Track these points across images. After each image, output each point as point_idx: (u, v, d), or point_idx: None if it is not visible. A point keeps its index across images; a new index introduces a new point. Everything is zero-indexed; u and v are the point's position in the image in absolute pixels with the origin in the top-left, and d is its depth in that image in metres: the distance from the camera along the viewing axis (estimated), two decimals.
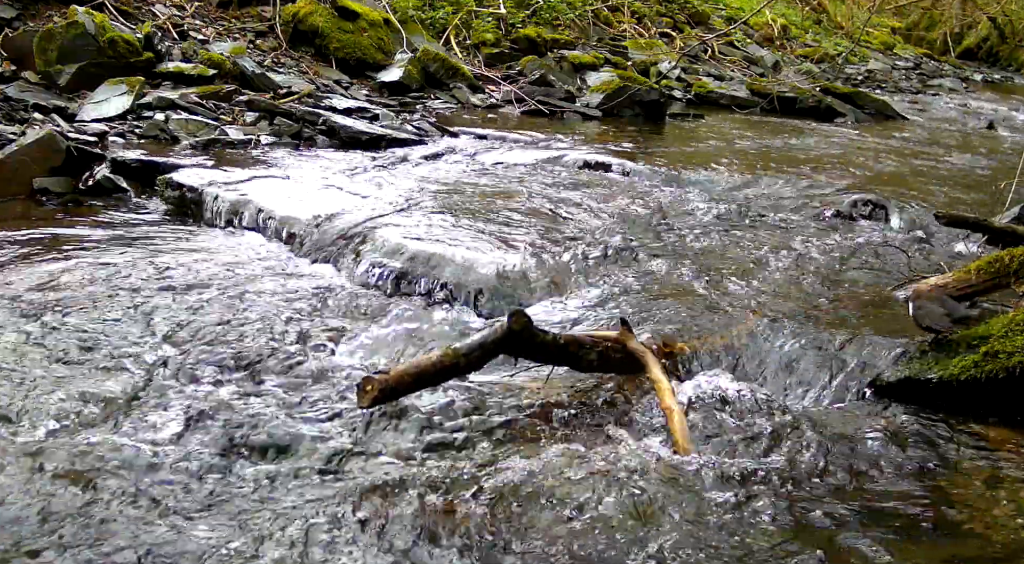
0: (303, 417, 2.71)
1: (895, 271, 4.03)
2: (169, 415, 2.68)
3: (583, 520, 2.23)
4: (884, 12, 19.20)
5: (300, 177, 5.31)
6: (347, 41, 8.74)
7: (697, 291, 3.70)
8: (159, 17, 8.03)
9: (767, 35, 14.84)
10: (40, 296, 3.46)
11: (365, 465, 2.50)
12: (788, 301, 3.63)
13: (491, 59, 9.95)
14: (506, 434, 2.68)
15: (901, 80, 14.61)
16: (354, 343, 3.28)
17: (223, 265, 4.01)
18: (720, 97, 10.08)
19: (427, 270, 3.84)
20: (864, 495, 2.43)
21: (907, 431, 2.75)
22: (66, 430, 2.54)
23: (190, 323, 3.31)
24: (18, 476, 2.27)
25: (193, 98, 6.65)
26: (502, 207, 4.82)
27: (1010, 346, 2.82)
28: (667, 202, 5.18)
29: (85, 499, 2.21)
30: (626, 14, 12.83)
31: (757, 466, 2.51)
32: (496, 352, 2.80)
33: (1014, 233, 3.95)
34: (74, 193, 5.03)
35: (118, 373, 2.90)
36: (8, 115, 5.71)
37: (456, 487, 2.35)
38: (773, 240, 4.46)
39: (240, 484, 2.35)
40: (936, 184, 6.20)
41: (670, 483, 2.39)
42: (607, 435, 2.67)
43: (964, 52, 20.27)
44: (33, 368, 2.88)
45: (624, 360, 2.98)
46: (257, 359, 3.05)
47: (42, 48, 6.64)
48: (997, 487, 2.49)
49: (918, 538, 2.23)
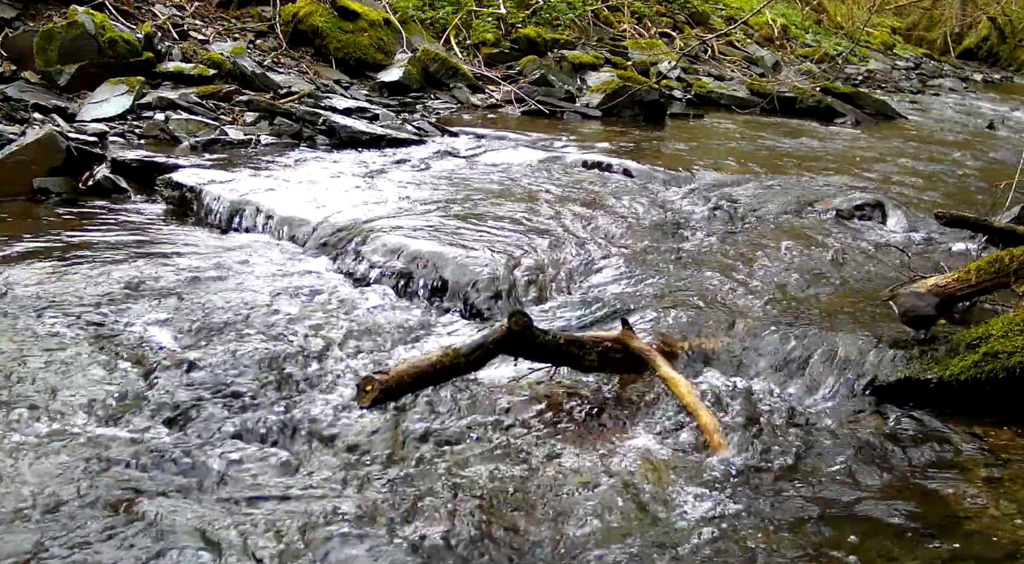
0: (303, 417, 2.71)
1: (895, 271, 4.03)
2: (166, 414, 2.68)
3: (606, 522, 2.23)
4: (884, 12, 19.20)
5: (300, 177, 5.31)
6: (347, 41, 8.74)
7: (697, 291, 3.70)
8: (159, 17, 8.03)
9: (767, 35, 14.85)
10: (40, 296, 3.46)
11: (365, 464, 2.50)
12: (788, 301, 3.63)
13: (491, 59, 9.95)
14: (521, 432, 2.68)
15: (901, 80, 14.62)
16: (354, 342, 3.28)
17: (223, 265, 4.01)
18: (720, 97, 10.08)
19: (427, 269, 3.84)
20: (863, 495, 2.43)
21: (907, 431, 2.76)
22: (66, 428, 2.54)
23: (191, 322, 3.31)
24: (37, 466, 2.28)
25: (193, 98, 6.65)
26: (502, 207, 4.82)
27: (1010, 346, 2.82)
28: (667, 202, 5.18)
29: (94, 484, 2.21)
30: (626, 14, 12.83)
31: (756, 465, 2.51)
32: (496, 352, 2.81)
33: (1014, 233, 3.95)
34: (74, 193, 5.03)
35: (117, 373, 2.90)
36: (8, 115, 5.71)
37: (459, 487, 2.35)
38: (773, 240, 4.46)
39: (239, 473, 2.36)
40: (936, 184, 6.20)
41: (686, 478, 2.39)
42: (624, 432, 2.67)
43: (964, 52, 20.28)
44: (34, 368, 2.88)
45: (625, 360, 2.99)
46: (257, 359, 3.05)
47: (42, 48, 6.64)
48: (997, 487, 2.49)
49: (918, 538, 2.23)
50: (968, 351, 2.91)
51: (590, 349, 2.97)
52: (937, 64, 17.60)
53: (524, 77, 9.45)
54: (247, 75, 7.43)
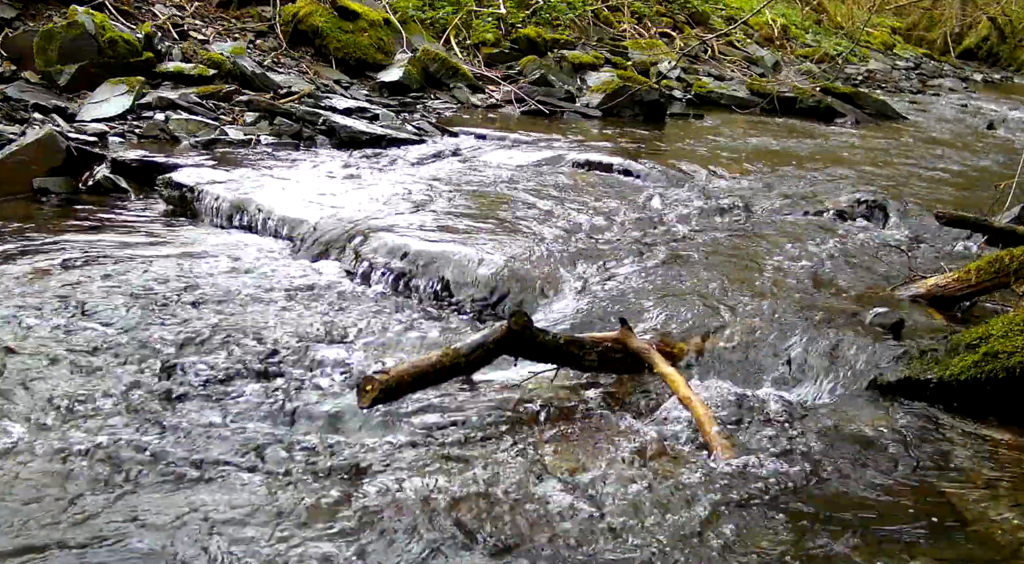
0: (303, 415, 2.71)
1: (895, 271, 4.03)
2: (165, 412, 2.68)
3: (608, 521, 2.23)
4: (884, 12, 19.21)
5: (300, 177, 5.31)
6: (347, 41, 8.74)
7: (697, 290, 3.70)
8: (159, 17, 8.03)
9: (767, 35, 14.85)
10: (40, 296, 3.46)
11: (364, 465, 2.49)
12: (787, 300, 3.63)
13: (491, 59, 9.95)
14: (520, 430, 2.68)
15: (901, 80, 14.62)
16: (354, 342, 3.28)
17: (223, 264, 4.01)
18: (720, 97, 10.08)
19: (427, 269, 3.85)
20: (863, 495, 2.43)
21: (907, 431, 2.76)
22: (65, 428, 2.54)
23: (190, 322, 3.31)
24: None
25: (193, 98, 6.65)
26: (502, 207, 4.82)
27: (1010, 346, 2.82)
28: (667, 202, 5.18)
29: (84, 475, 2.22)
30: (626, 14, 12.84)
31: (757, 464, 2.51)
32: (497, 352, 2.81)
33: (1014, 233, 3.96)
34: (74, 193, 5.03)
35: (117, 372, 2.90)
36: (8, 115, 5.71)
37: (461, 487, 2.35)
38: (773, 239, 4.46)
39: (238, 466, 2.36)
40: (936, 184, 6.20)
41: (685, 478, 2.39)
42: (623, 432, 2.67)
43: (964, 52, 20.29)
44: (33, 369, 2.88)
45: (625, 360, 2.99)
46: (256, 359, 3.05)
47: (42, 48, 6.64)
48: (997, 487, 2.49)
49: (918, 538, 2.23)
50: (968, 351, 2.91)
51: (590, 349, 2.97)
52: (937, 64, 17.61)
53: (524, 77, 9.45)
54: (247, 75, 7.43)
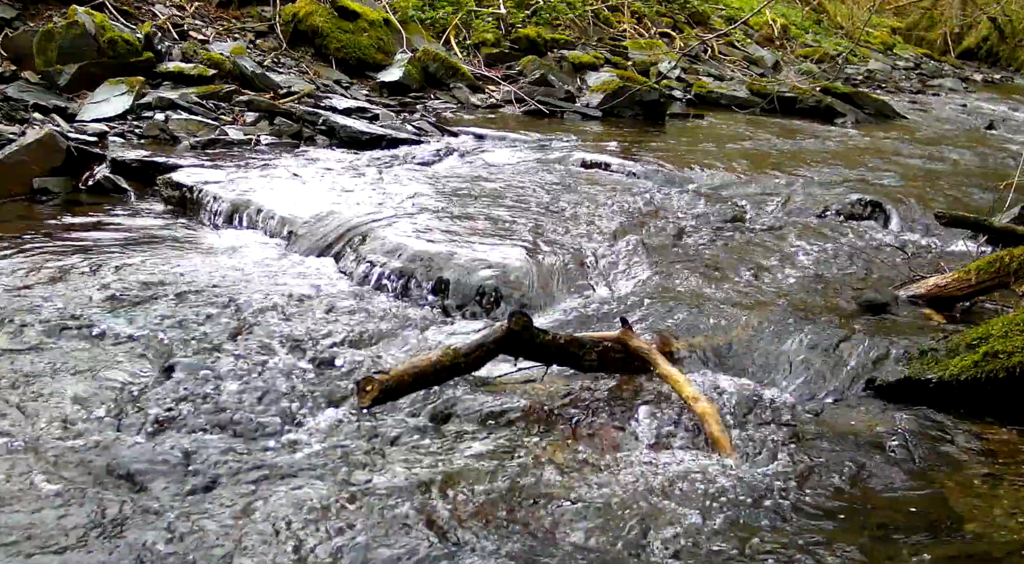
0: (303, 415, 2.71)
1: (895, 271, 4.03)
2: (160, 412, 2.68)
3: (609, 521, 2.23)
4: (884, 12, 19.21)
5: (300, 177, 5.31)
6: (347, 41, 8.74)
7: (697, 290, 3.70)
8: (159, 17, 8.04)
9: (767, 35, 14.85)
10: (40, 296, 3.46)
11: (364, 464, 2.49)
12: (787, 300, 3.63)
13: (491, 59, 9.95)
14: (519, 431, 2.68)
15: (901, 80, 14.62)
16: (353, 342, 3.28)
17: (223, 264, 4.01)
18: (720, 97, 10.08)
19: (427, 270, 3.84)
20: (863, 495, 2.43)
21: (906, 431, 2.75)
22: (65, 430, 2.54)
23: (190, 322, 3.31)
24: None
25: (193, 98, 6.65)
26: (502, 207, 4.82)
27: (1010, 346, 2.82)
28: (667, 202, 5.19)
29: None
30: (626, 14, 12.83)
31: (757, 464, 2.51)
32: (496, 352, 2.81)
33: (1014, 233, 3.96)
34: (74, 193, 5.03)
35: (117, 371, 2.90)
36: (8, 115, 5.71)
37: (462, 486, 2.35)
38: (773, 240, 4.46)
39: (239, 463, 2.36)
40: (936, 184, 6.20)
41: (688, 478, 2.39)
42: (625, 432, 2.67)
43: (964, 52, 20.28)
44: (35, 368, 2.88)
45: (625, 359, 2.99)
46: (256, 359, 3.05)
47: (42, 48, 6.64)
48: (997, 487, 2.49)
49: (918, 538, 2.23)
50: (968, 351, 2.91)
51: (590, 349, 2.97)
52: (937, 64, 17.60)
53: (524, 77, 9.45)
54: (247, 75, 7.43)
